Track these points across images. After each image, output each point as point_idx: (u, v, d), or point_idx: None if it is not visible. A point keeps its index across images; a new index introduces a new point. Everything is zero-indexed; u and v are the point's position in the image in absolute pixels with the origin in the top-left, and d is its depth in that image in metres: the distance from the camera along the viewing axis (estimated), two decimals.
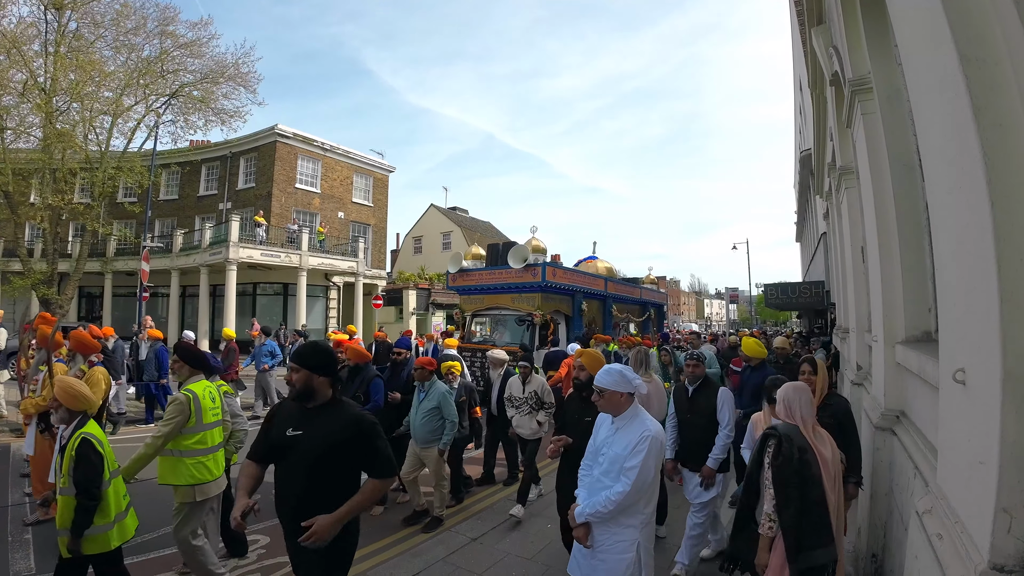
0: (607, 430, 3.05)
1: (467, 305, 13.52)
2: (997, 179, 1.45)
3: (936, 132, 1.96)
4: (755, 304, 50.67)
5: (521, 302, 12.21)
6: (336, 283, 26.14)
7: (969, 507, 1.75)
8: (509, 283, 12.36)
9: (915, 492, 2.65)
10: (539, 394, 6.11)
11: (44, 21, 19.09)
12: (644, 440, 2.83)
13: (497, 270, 12.83)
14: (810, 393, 3.06)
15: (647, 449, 2.80)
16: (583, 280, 13.71)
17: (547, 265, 12.06)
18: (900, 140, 3.52)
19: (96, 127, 20.13)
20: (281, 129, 25.36)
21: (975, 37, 1.56)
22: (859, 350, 5.96)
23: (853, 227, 6.02)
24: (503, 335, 12.54)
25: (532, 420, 6.05)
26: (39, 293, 19.56)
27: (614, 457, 2.90)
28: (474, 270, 13.46)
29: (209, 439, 3.97)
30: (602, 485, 2.90)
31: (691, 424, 4.47)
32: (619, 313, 15.54)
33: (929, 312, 3.36)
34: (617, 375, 3.00)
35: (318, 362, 2.72)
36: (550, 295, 12.19)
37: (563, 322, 12.96)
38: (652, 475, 2.86)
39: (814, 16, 5.93)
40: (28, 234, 23.47)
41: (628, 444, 2.87)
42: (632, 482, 2.78)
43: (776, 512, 2.72)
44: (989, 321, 1.51)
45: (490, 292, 12.86)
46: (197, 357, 4.21)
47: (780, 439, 2.77)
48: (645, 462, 2.79)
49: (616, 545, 2.87)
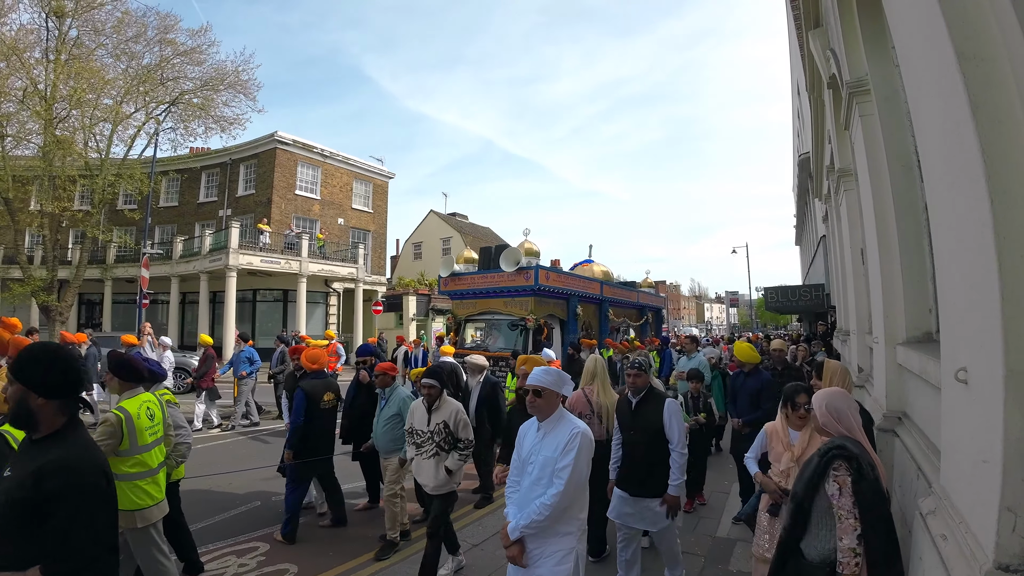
0: (533, 438, 2.94)
1: (460, 310, 13.25)
2: (996, 175, 1.45)
3: (934, 131, 1.96)
4: (755, 308, 50.68)
5: (514, 306, 11.91)
6: (336, 289, 26.15)
7: (973, 507, 1.74)
8: (502, 287, 12.04)
9: (918, 493, 2.64)
10: (451, 427, 4.40)
11: (45, 28, 19.18)
12: (574, 438, 2.74)
13: (489, 274, 12.53)
14: (852, 399, 2.79)
15: (578, 446, 2.72)
16: (577, 283, 13.43)
17: (540, 268, 11.76)
18: (898, 141, 3.52)
19: (96, 134, 20.19)
20: (281, 136, 25.43)
21: (972, 34, 1.55)
22: (860, 352, 5.95)
23: (852, 229, 6.02)
24: (497, 340, 12.30)
25: (438, 466, 4.31)
26: (39, 300, 19.55)
27: (544, 461, 2.79)
28: (466, 274, 13.18)
29: (149, 460, 3.61)
30: (535, 494, 2.77)
31: (633, 442, 3.97)
32: (616, 317, 15.27)
33: (930, 312, 3.35)
34: (556, 375, 2.93)
35: (35, 376, 1.92)
36: (544, 299, 11.90)
37: (558, 327, 12.66)
38: (585, 474, 2.78)
39: (811, 19, 5.94)
40: (28, 241, 23.49)
41: (558, 445, 2.77)
42: (566, 481, 2.67)
43: (862, 543, 2.28)
44: (991, 319, 1.51)
45: (482, 296, 12.60)
46: (130, 368, 3.79)
47: (858, 459, 2.36)
48: (577, 460, 2.70)
49: (553, 555, 2.73)
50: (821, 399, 2.67)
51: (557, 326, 12.65)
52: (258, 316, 24.85)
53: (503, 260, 12.09)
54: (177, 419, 4.30)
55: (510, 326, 11.97)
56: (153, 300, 20.92)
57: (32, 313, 22.09)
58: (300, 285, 22.75)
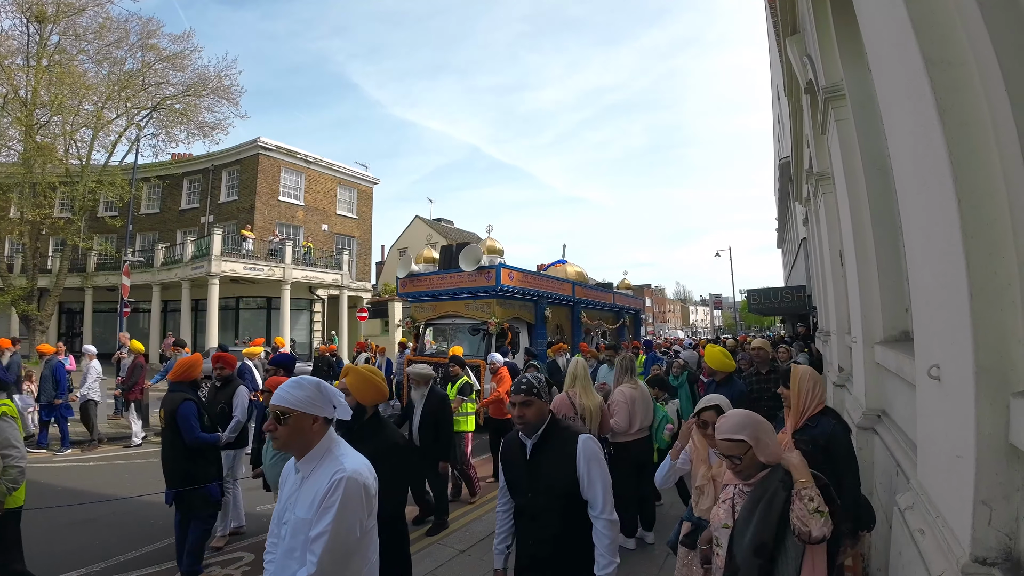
0: (292, 484, 2.07)
1: (419, 313, 12.26)
2: (963, 177, 1.49)
3: (904, 134, 2.00)
4: (739, 310, 51.15)
5: (475, 309, 10.99)
6: (320, 296, 25.95)
7: (949, 501, 1.78)
8: (462, 288, 11.15)
9: (898, 489, 2.68)
10: None
11: (26, 34, 18.98)
12: (336, 486, 1.90)
13: (449, 274, 11.60)
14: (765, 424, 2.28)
15: (340, 499, 1.89)
16: (546, 284, 12.50)
17: (503, 267, 10.84)
18: (873, 145, 3.59)
19: (77, 140, 20.00)
20: (264, 142, 25.23)
21: (939, 39, 1.60)
22: (840, 352, 6.03)
23: (831, 231, 6.11)
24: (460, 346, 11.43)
25: None
26: (19, 309, 19.24)
27: (297, 524, 1.95)
28: (425, 274, 12.21)
29: None
30: (288, 571, 1.95)
31: (531, 512, 2.51)
32: (589, 320, 14.47)
33: (906, 312, 3.41)
34: (311, 389, 2.04)
35: None
36: (508, 301, 11.08)
37: (525, 331, 11.84)
38: (356, 536, 1.96)
39: (789, 26, 6.05)
40: (7, 249, 23.09)
41: (314, 499, 1.93)
42: (319, 559, 1.85)
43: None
44: (960, 317, 1.54)
45: (442, 299, 11.68)
46: None
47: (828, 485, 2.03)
48: (339, 521, 1.88)
49: None
50: (734, 424, 2.16)
51: (524, 330, 11.86)
52: (241, 324, 24.55)
53: (462, 259, 11.18)
54: (9, 436, 3.59)
55: (471, 331, 11.09)
56: (134, 309, 20.65)
57: (12, 323, 21.67)
58: (284, 292, 22.55)
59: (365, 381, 3.20)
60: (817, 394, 3.02)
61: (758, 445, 2.10)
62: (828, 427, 2.89)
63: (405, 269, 12.41)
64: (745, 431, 2.12)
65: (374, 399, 3.22)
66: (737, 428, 2.14)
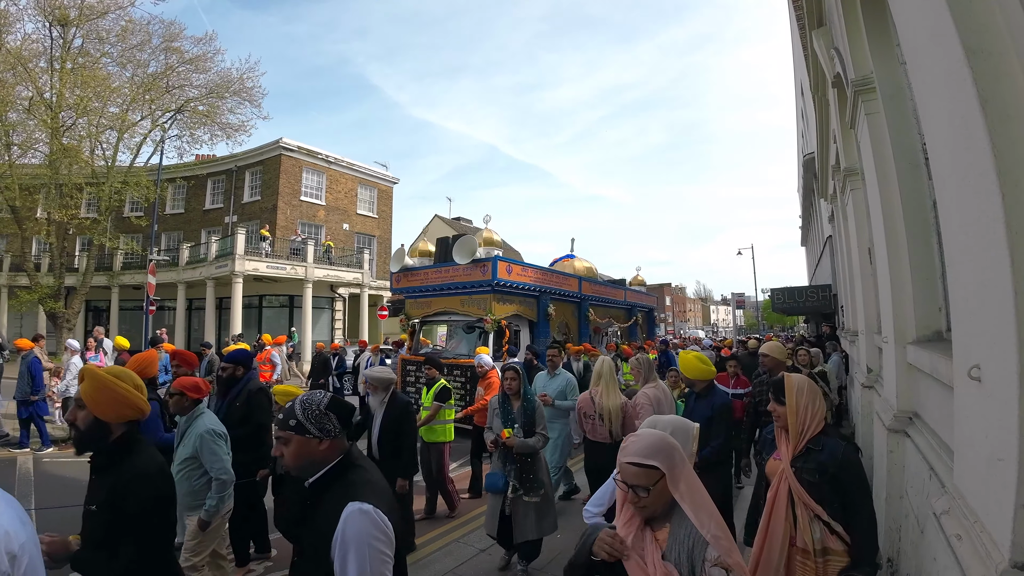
0: None
1: (414, 310, 11.54)
2: (1006, 170, 1.43)
3: (942, 127, 1.94)
4: (762, 309, 50.48)
5: (471, 305, 10.22)
6: (342, 294, 26.21)
7: (988, 505, 1.72)
8: (457, 283, 10.41)
9: (931, 494, 2.61)
10: None
11: (49, 38, 19.43)
12: None
13: (444, 267, 10.88)
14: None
15: None
16: (548, 279, 11.67)
17: (499, 260, 10.04)
18: (905, 138, 3.50)
19: (102, 142, 20.45)
20: (286, 142, 25.56)
21: (978, 28, 1.54)
22: (869, 352, 5.91)
23: (859, 228, 5.98)
24: (458, 344, 10.74)
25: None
26: (46, 307, 19.72)
27: None
28: (419, 268, 11.53)
29: None
30: None
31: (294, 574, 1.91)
32: (598, 318, 13.64)
33: (940, 311, 3.32)
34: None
35: None
36: (507, 296, 10.29)
37: (526, 329, 11.02)
38: None
39: (814, 18, 5.93)
40: (35, 249, 23.69)
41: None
42: None
43: None
44: (1004, 315, 1.49)
45: (437, 294, 10.97)
46: None
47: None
48: None
49: None
50: (646, 447, 1.77)
51: (525, 328, 11.05)
52: (264, 322, 24.91)
53: (456, 251, 10.39)
54: None
55: (465, 328, 10.50)
56: (160, 307, 21.04)
57: (39, 320, 22.23)
58: (306, 291, 22.82)
59: (101, 389, 2.28)
60: (818, 410, 2.59)
61: (672, 476, 1.72)
62: (837, 450, 2.48)
63: (399, 263, 11.76)
64: (659, 456, 1.74)
65: (118, 414, 2.30)
66: (649, 451, 1.75)
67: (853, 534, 2.39)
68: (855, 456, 2.53)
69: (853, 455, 2.52)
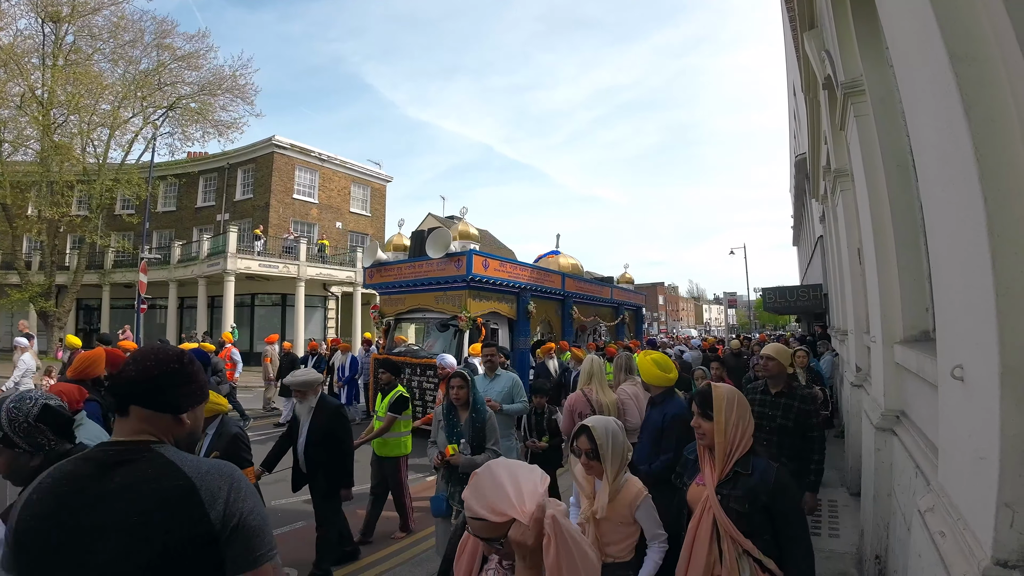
0: None
1: (387, 307, 11.08)
2: (990, 174, 1.46)
3: (929, 131, 1.97)
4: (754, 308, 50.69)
5: (445, 301, 9.72)
6: (334, 293, 26.13)
7: (971, 503, 1.75)
8: (431, 278, 9.92)
9: (917, 491, 2.64)
10: None
11: (42, 34, 19.28)
12: None
13: (418, 262, 10.31)
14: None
15: None
16: (529, 275, 11.05)
17: (474, 254, 9.52)
18: (894, 141, 3.54)
19: (94, 139, 20.30)
20: (278, 140, 25.44)
21: (964, 34, 1.57)
22: (858, 352, 5.96)
23: (849, 229, 6.03)
24: (434, 344, 10.29)
25: None
26: (37, 306, 19.57)
27: None
28: (393, 263, 10.92)
29: None
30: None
31: None
32: (583, 316, 13.14)
33: (927, 311, 3.36)
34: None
35: None
36: (483, 293, 9.79)
37: (505, 327, 10.51)
38: None
39: (806, 21, 5.97)
40: (26, 247, 23.47)
41: None
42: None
43: None
44: (986, 316, 1.52)
45: (411, 290, 10.46)
46: None
47: None
48: None
49: None
50: (481, 498, 1.36)
51: (504, 326, 10.53)
52: (256, 320, 24.81)
53: (429, 244, 9.79)
54: None
55: (439, 327, 10.10)
56: (151, 305, 20.89)
57: (30, 319, 22.05)
58: (298, 289, 22.73)
59: None
60: (748, 425, 2.26)
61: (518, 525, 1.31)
62: (769, 474, 2.15)
63: (371, 257, 11.19)
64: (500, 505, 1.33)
65: None
66: (484, 503, 1.33)
67: (788, 571, 2.10)
68: (789, 480, 2.22)
69: (787, 479, 2.20)
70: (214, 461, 1.38)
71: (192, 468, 1.30)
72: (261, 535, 1.33)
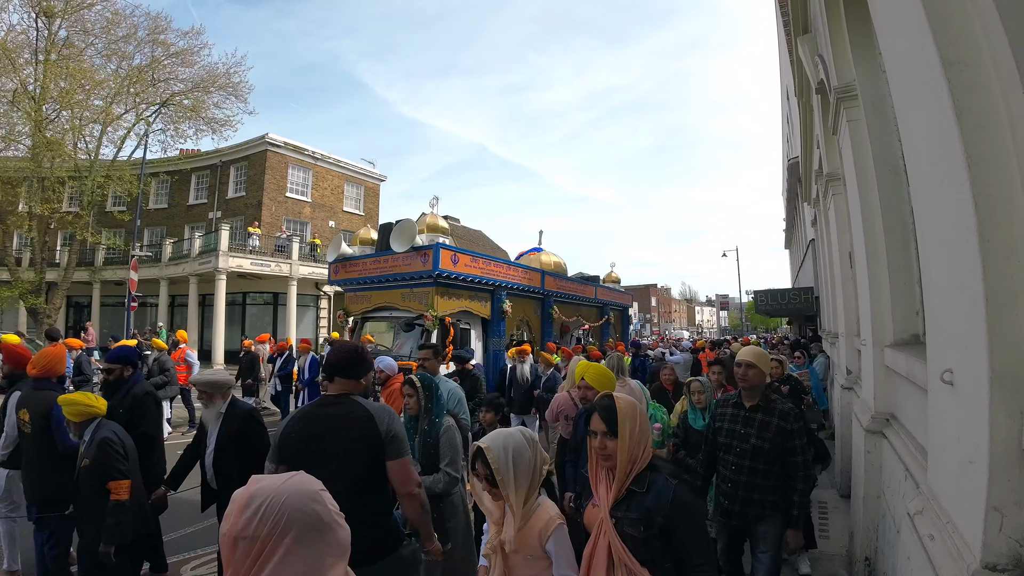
0: None
1: (353, 305, 10.32)
2: (980, 179, 1.47)
3: (920, 135, 1.98)
4: (746, 311, 50.92)
5: (411, 299, 9.00)
6: (327, 292, 26.02)
7: (960, 507, 1.76)
8: (396, 273, 9.19)
9: (906, 494, 2.66)
10: None
11: (35, 29, 19.07)
12: None
13: (382, 256, 9.57)
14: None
15: None
16: (504, 271, 10.31)
17: (441, 247, 8.79)
18: (885, 145, 3.56)
19: (86, 135, 20.10)
20: (272, 138, 25.30)
21: (956, 39, 1.58)
22: (848, 355, 5.99)
23: (841, 233, 6.07)
24: (403, 345, 9.53)
25: None
26: (26, 303, 19.36)
27: None
28: (357, 258, 10.21)
29: None
30: None
31: None
32: (565, 316, 12.47)
33: (917, 315, 3.38)
34: None
35: None
36: (452, 290, 9.13)
37: (478, 327, 9.89)
38: None
39: (800, 25, 6.00)
40: (16, 243, 23.23)
41: None
42: None
43: None
44: (975, 321, 1.52)
45: (376, 286, 9.74)
46: None
47: None
48: None
49: None
50: None
51: (477, 326, 9.87)
52: (248, 319, 24.66)
53: (394, 237, 9.12)
54: None
55: (404, 326, 9.41)
56: (142, 303, 20.76)
57: (20, 316, 21.84)
58: (290, 288, 22.61)
59: None
60: (648, 437, 1.99)
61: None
62: (666, 492, 1.86)
63: (335, 251, 10.41)
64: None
65: None
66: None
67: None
68: (691, 497, 1.92)
69: (688, 497, 1.89)
70: (380, 404, 2.56)
71: (369, 406, 2.44)
72: (403, 441, 2.44)
